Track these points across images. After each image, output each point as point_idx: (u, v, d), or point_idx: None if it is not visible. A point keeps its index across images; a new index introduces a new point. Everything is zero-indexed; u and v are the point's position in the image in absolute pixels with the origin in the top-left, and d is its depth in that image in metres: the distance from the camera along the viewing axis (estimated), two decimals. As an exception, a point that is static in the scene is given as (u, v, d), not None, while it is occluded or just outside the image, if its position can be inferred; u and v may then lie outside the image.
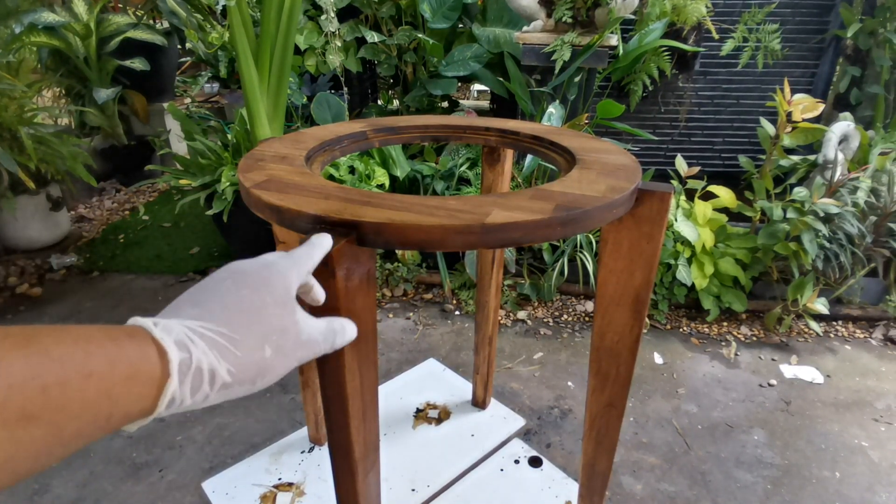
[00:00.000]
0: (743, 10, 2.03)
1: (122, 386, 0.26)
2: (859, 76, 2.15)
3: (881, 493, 1.16)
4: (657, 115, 2.28)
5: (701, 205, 1.74)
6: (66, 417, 0.24)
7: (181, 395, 0.29)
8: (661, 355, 1.61)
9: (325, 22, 1.82)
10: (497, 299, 1.20)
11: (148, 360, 0.28)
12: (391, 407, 1.36)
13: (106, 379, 0.26)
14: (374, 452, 0.64)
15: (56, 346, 0.24)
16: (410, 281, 1.93)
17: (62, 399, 0.24)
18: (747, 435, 1.31)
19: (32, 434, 0.23)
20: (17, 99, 1.95)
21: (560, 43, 1.65)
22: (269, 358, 0.34)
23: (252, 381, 0.33)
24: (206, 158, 1.87)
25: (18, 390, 0.22)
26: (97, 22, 2.52)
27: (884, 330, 1.73)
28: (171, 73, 3.03)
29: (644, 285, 0.68)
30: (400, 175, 1.94)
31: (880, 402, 1.44)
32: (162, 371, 0.28)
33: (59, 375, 0.24)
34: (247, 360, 0.32)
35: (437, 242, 0.49)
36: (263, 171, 0.62)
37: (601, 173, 0.63)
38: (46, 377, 0.23)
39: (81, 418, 0.25)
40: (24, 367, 0.23)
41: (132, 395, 0.27)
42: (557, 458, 1.22)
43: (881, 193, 1.69)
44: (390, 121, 0.92)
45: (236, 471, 1.17)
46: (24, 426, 0.22)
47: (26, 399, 0.22)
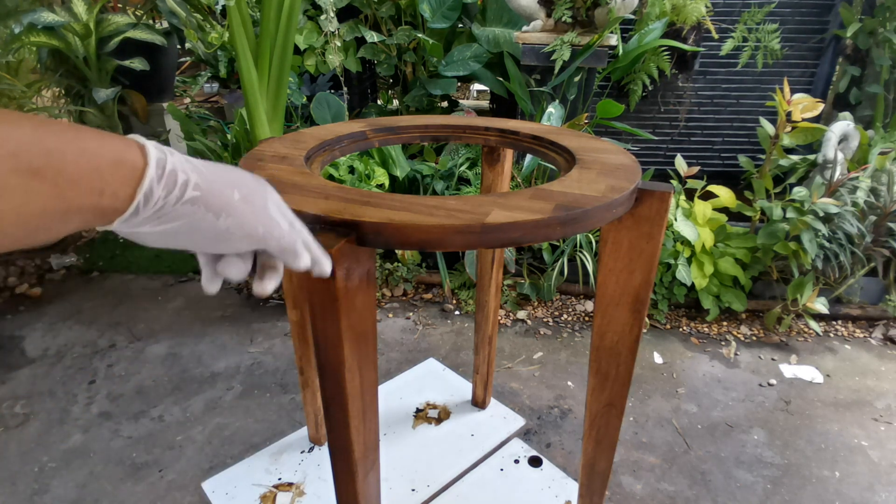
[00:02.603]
0: (742, 10, 2.03)
1: (110, 167, 0.31)
2: (859, 76, 2.15)
3: (881, 492, 1.16)
4: (657, 115, 2.28)
5: (701, 204, 1.74)
6: (65, 181, 0.29)
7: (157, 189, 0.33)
8: (660, 355, 1.61)
9: (325, 22, 1.82)
10: (497, 299, 1.20)
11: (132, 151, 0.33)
12: (391, 407, 1.36)
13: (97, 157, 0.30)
14: (374, 452, 0.64)
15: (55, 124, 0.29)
16: (410, 281, 1.93)
17: (62, 163, 0.28)
18: (747, 434, 1.31)
19: (40, 188, 0.27)
20: (16, 99, 1.95)
21: (560, 43, 1.65)
22: (237, 200, 0.37)
23: (217, 212, 0.36)
24: (206, 158, 1.87)
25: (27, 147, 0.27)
26: (97, 22, 2.52)
27: (883, 329, 1.73)
28: (170, 73, 3.03)
29: (644, 285, 0.68)
30: (399, 175, 1.94)
31: (880, 401, 1.44)
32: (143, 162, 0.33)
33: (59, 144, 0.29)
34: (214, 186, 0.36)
35: (437, 242, 0.49)
36: (263, 171, 0.62)
37: (601, 173, 0.63)
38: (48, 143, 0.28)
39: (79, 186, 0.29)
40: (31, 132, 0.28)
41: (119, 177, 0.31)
42: (557, 458, 1.22)
43: (881, 193, 1.69)
44: (390, 121, 0.92)
45: (236, 471, 1.17)
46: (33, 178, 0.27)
47: (33, 156, 0.27)
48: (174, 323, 1.76)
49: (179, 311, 1.83)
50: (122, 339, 1.67)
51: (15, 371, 1.52)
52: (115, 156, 0.31)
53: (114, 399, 1.40)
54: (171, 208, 0.34)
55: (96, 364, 1.55)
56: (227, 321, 1.76)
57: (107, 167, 0.31)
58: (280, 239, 0.40)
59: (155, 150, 0.34)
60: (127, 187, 0.32)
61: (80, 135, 0.30)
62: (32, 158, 0.27)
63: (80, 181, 0.29)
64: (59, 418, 1.33)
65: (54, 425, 1.31)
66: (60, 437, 1.27)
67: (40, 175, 0.27)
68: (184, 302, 1.89)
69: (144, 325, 1.75)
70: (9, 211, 0.27)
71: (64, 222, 0.30)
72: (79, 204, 0.30)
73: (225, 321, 1.76)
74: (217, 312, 1.81)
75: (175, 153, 0.35)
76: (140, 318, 1.78)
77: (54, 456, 1.22)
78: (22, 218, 0.27)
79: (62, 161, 0.28)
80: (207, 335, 1.69)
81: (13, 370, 1.52)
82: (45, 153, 0.28)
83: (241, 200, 0.38)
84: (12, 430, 1.30)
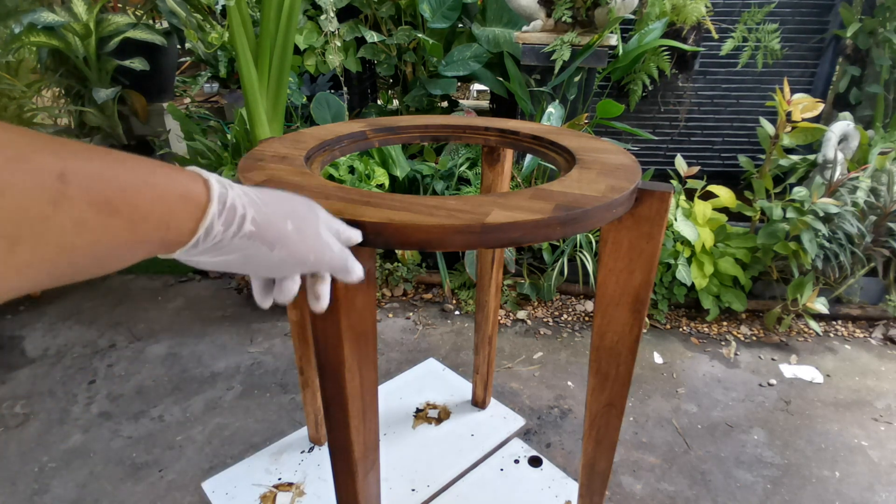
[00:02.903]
0: (742, 10, 2.03)
1: (177, 202, 0.32)
2: (859, 76, 2.15)
3: (881, 492, 1.16)
4: (657, 115, 2.28)
5: (701, 204, 1.74)
6: (138, 216, 0.29)
7: (217, 224, 0.34)
8: (660, 355, 1.61)
9: (325, 22, 1.82)
10: (497, 299, 1.20)
11: (197, 186, 0.34)
12: (391, 407, 1.36)
13: (166, 192, 0.31)
14: (374, 452, 0.64)
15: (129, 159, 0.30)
16: (410, 281, 1.93)
17: (136, 198, 0.29)
18: (747, 434, 1.31)
19: (115, 223, 0.28)
20: (16, 99, 1.95)
21: (560, 43, 1.65)
22: (290, 231, 0.39)
23: (271, 244, 0.38)
24: (206, 158, 1.87)
25: (105, 183, 0.28)
26: (97, 22, 2.51)
27: (883, 329, 1.73)
28: (170, 73, 3.02)
29: (644, 285, 0.68)
30: (399, 175, 1.94)
31: (880, 401, 1.44)
32: (206, 198, 0.34)
33: (133, 180, 0.29)
34: (270, 220, 0.37)
35: (437, 242, 0.49)
36: (263, 171, 0.62)
37: (601, 173, 0.63)
38: (123, 178, 0.29)
39: (149, 221, 0.30)
40: (108, 168, 0.28)
41: (185, 212, 0.32)
42: (557, 458, 1.22)
43: (881, 193, 1.69)
44: (390, 121, 0.92)
45: (236, 471, 1.17)
46: (109, 215, 0.28)
47: (111, 192, 0.28)
48: (174, 323, 1.76)
49: (179, 310, 1.83)
50: (122, 339, 1.67)
51: (15, 371, 1.52)
52: (183, 191, 0.32)
53: (114, 399, 1.40)
54: (228, 242, 0.35)
55: (96, 364, 1.55)
56: (227, 321, 1.76)
57: (175, 202, 0.32)
58: (331, 261, 0.43)
59: (217, 184, 0.35)
60: (191, 222, 0.33)
61: (151, 169, 0.31)
62: (109, 194, 0.28)
63: (151, 216, 0.30)
64: (59, 418, 1.33)
65: (54, 425, 1.31)
66: (60, 437, 1.27)
67: (116, 210, 0.28)
68: (184, 302, 1.89)
69: (144, 324, 1.75)
70: (83, 245, 0.27)
71: (132, 254, 0.31)
72: (148, 237, 0.31)
73: (225, 321, 1.76)
74: (217, 312, 1.82)
75: (234, 186, 0.36)
76: (140, 318, 1.78)
77: (54, 456, 1.22)
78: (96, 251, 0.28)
79: (136, 196, 0.29)
80: (207, 335, 1.69)
81: (13, 370, 1.52)
82: (120, 188, 0.28)
83: (295, 231, 0.39)
84: (12, 430, 1.30)
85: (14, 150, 0.24)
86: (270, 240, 0.37)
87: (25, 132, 0.25)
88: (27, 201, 0.24)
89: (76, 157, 0.27)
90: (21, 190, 0.24)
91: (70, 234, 0.26)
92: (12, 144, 0.24)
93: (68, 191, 0.25)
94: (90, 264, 0.28)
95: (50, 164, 0.25)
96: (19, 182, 0.24)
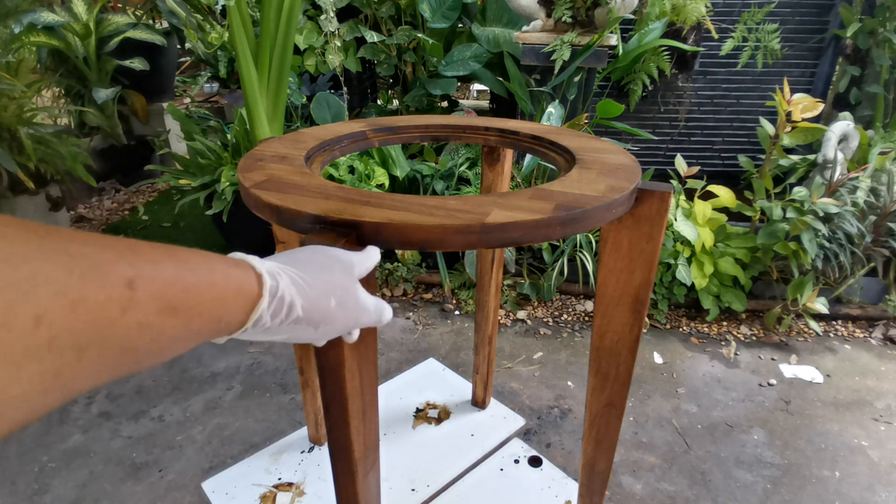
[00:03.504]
0: (742, 10, 2.03)
1: (232, 297, 0.33)
2: (859, 76, 2.15)
3: (881, 492, 1.16)
4: (657, 115, 2.28)
5: (700, 204, 1.74)
6: (195, 315, 0.30)
7: (266, 315, 0.35)
8: (660, 355, 1.61)
9: (325, 22, 1.82)
10: (497, 299, 1.20)
11: (250, 281, 0.35)
12: (391, 407, 1.36)
13: (223, 289, 0.32)
14: (374, 452, 0.64)
15: (192, 259, 0.31)
16: (410, 281, 1.93)
17: (195, 299, 0.30)
18: (747, 434, 1.31)
19: (174, 323, 0.29)
20: (16, 99, 1.95)
21: (559, 43, 1.65)
22: (333, 308, 0.40)
23: (316, 324, 0.40)
24: (206, 158, 1.87)
25: (169, 287, 0.28)
26: (96, 22, 2.51)
27: (883, 329, 1.73)
28: (170, 72, 3.03)
29: (644, 285, 0.68)
30: (399, 175, 1.94)
31: (880, 401, 1.44)
32: (258, 291, 0.35)
33: (194, 281, 0.30)
34: (315, 303, 0.39)
35: (437, 242, 0.49)
36: (263, 171, 0.62)
37: (601, 173, 0.63)
38: (186, 281, 0.30)
39: (203, 317, 0.31)
40: (172, 271, 0.29)
41: (237, 306, 0.34)
42: (557, 458, 1.22)
43: (880, 193, 1.69)
44: (390, 120, 0.92)
45: (236, 471, 1.17)
46: (170, 316, 0.28)
47: (174, 295, 0.29)
48: (174, 323, 1.75)
49: (179, 311, 1.83)
50: (122, 339, 1.67)
51: (15, 371, 1.51)
52: (237, 286, 0.33)
53: (114, 399, 1.40)
54: (276, 328, 0.37)
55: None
56: (227, 321, 1.76)
57: (230, 298, 0.33)
58: (369, 321, 0.45)
59: (269, 277, 0.36)
60: (242, 314, 0.34)
61: (210, 267, 0.32)
62: (172, 297, 0.28)
63: (206, 313, 0.31)
64: (59, 418, 1.33)
65: (54, 425, 1.31)
66: (60, 437, 1.27)
67: (177, 313, 0.29)
68: (184, 302, 1.88)
69: (144, 325, 1.74)
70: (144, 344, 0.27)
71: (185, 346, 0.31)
72: (199, 331, 0.31)
73: (225, 321, 1.76)
74: (217, 312, 1.81)
75: (283, 274, 0.37)
76: (140, 318, 1.78)
77: (54, 456, 1.22)
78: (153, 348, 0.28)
79: (196, 298, 0.30)
80: (207, 335, 1.68)
81: (13, 370, 1.52)
82: (183, 290, 0.29)
83: (338, 307, 0.41)
84: (12, 430, 1.29)
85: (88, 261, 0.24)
86: (316, 321, 0.39)
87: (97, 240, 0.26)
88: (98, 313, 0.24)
89: (145, 262, 0.28)
90: (95, 302, 0.24)
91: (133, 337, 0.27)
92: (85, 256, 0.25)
93: (136, 296, 0.26)
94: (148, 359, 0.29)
95: (121, 272, 0.26)
96: (92, 294, 0.24)
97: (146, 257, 0.28)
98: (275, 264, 0.38)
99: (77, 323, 0.23)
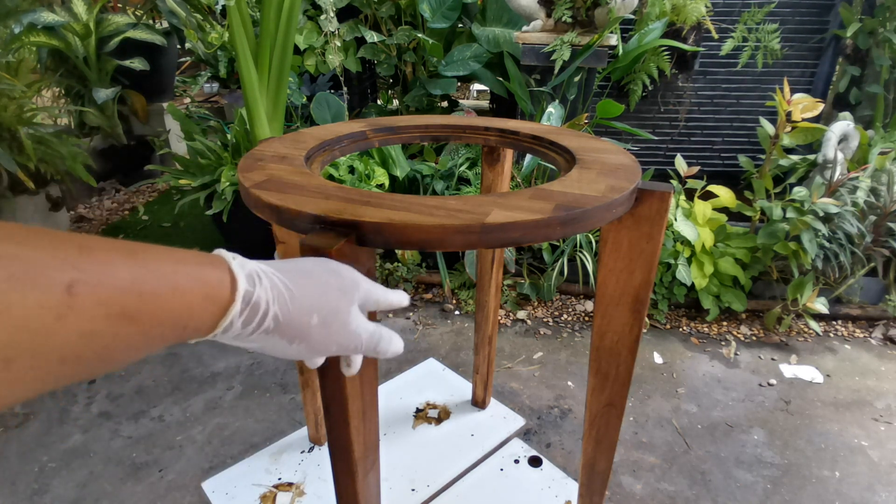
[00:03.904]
0: (742, 10, 2.03)
1: (200, 303, 0.31)
2: (859, 76, 2.15)
3: (881, 492, 1.16)
4: (657, 115, 2.28)
5: (700, 204, 1.74)
6: (155, 322, 0.28)
7: (237, 322, 0.33)
8: (660, 355, 1.61)
9: (325, 22, 1.82)
10: (497, 299, 1.20)
11: (223, 285, 0.32)
12: (391, 407, 1.36)
13: (189, 294, 0.30)
14: (374, 452, 0.64)
15: (154, 261, 0.29)
16: (410, 281, 1.93)
17: (154, 306, 0.28)
18: (747, 434, 1.31)
19: (128, 331, 0.27)
20: (16, 99, 1.95)
21: (560, 43, 1.65)
22: (314, 325, 0.37)
23: (290, 338, 0.37)
24: (206, 158, 1.87)
25: (123, 293, 0.26)
26: (96, 22, 2.51)
27: (883, 329, 1.73)
28: (170, 72, 3.03)
29: (644, 285, 0.68)
30: (399, 175, 1.94)
31: (880, 401, 1.44)
32: (230, 297, 0.33)
33: (155, 286, 0.28)
34: (293, 316, 0.36)
35: (437, 242, 0.49)
36: (263, 171, 0.62)
37: (601, 173, 0.63)
38: (144, 286, 0.27)
39: (166, 325, 0.29)
40: (128, 275, 0.27)
41: (205, 313, 0.31)
42: (557, 458, 1.22)
43: (880, 193, 1.69)
44: (390, 120, 0.92)
45: (236, 470, 1.17)
46: (124, 324, 0.26)
47: (128, 302, 0.26)
48: (174, 323, 1.75)
49: (179, 311, 1.83)
50: (122, 339, 1.67)
51: (15, 371, 1.51)
52: (206, 291, 0.31)
53: (114, 399, 1.40)
54: (246, 337, 0.35)
55: (96, 364, 1.55)
56: (227, 321, 1.76)
57: (197, 304, 0.30)
58: (357, 349, 0.41)
59: (245, 281, 0.33)
60: (210, 321, 0.32)
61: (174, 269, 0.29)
62: (127, 304, 0.26)
63: (169, 320, 0.29)
64: (59, 418, 1.33)
65: (54, 425, 1.31)
66: (60, 437, 1.27)
67: (132, 320, 0.27)
68: (184, 302, 1.88)
69: (144, 325, 1.74)
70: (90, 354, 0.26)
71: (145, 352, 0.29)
72: (162, 337, 0.29)
73: (225, 321, 1.76)
74: (217, 312, 1.81)
75: (265, 279, 0.35)
76: (140, 318, 1.78)
77: (54, 456, 1.22)
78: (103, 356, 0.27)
79: (155, 304, 0.28)
80: (207, 335, 1.68)
81: (13, 370, 1.52)
82: (139, 296, 0.27)
83: (319, 325, 0.37)
84: (12, 430, 1.30)
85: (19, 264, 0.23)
86: (291, 335, 0.37)
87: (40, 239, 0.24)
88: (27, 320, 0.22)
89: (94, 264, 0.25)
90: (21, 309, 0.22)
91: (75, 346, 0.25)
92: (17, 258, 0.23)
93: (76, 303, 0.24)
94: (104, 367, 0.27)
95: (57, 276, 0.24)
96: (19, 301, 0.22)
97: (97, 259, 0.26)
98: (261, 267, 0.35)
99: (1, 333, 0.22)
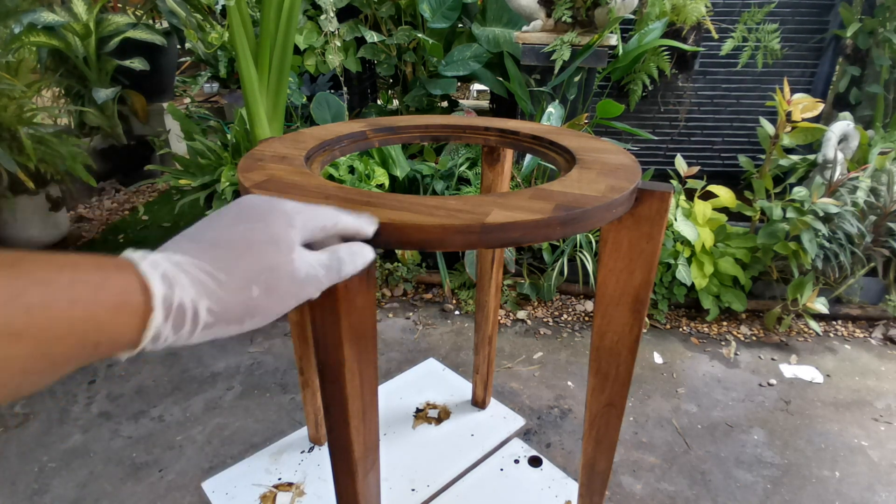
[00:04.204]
0: (742, 10, 2.03)
1: (108, 315, 0.27)
2: (859, 76, 2.15)
3: (881, 492, 1.16)
4: (657, 115, 2.28)
5: (700, 204, 1.74)
6: (51, 338, 0.25)
7: (166, 329, 0.30)
8: (660, 355, 1.61)
9: (325, 22, 1.82)
10: (497, 299, 1.20)
11: (133, 292, 0.28)
12: (391, 407, 1.36)
13: (91, 305, 0.26)
14: (374, 452, 0.64)
15: (41, 270, 0.25)
16: (410, 281, 1.93)
17: (46, 320, 0.24)
18: (747, 434, 1.31)
19: (18, 351, 0.24)
20: (16, 99, 1.95)
21: (560, 43, 1.65)
22: (257, 297, 0.34)
23: (239, 320, 0.33)
24: (206, 158, 1.87)
25: (2, 308, 0.23)
26: (96, 22, 2.51)
27: (883, 329, 1.73)
28: (170, 72, 3.03)
29: (644, 285, 0.68)
30: (399, 175, 1.94)
31: (880, 401, 1.44)
32: (146, 305, 0.29)
33: (43, 298, 0.25)
34: (230, 300, 0.32)
35: (437, 242, 0.49)
36: (263, 171, 0.62)
37: (601, 173, 0.63)
38: (30, 298, 0.24)
39: (67, 341, 0.25)
40: (7, 287, 0.24)
41: (118, 325, 0.28)
42: (557, 458, 1.22)
43: (881, 193, 1.69)
44: (390, 120, 0.92)
45: (236, 470, 1.17)
46: (10, 343, 0.23)
47: (10, 317, 0.23)
48: (174, 323, 1.75)
49: (179, 311, 1.83)
50: (122, 339, 1.67)
51: (15, 371, 1.51)
52: (114, 300, 0.27)
53: (114, 399, 1.40)
54: (186, 339, 0.31)
55: (96, 364, 1.55)
56: (227, 321, 1.76)
57: (104, 316, 0.27)
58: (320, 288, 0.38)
59: (160, 284, 0.29)
60: (129, 332, 0.28)
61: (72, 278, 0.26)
62: (10, 321, 0.23)
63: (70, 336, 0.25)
64: (59, 418, 1.33)
65: (54, 425, 1.31)
66: (60, 437, 1.27)
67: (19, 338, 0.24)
68: (184, 302, 1.88)
69: (144, 325, 1.74)
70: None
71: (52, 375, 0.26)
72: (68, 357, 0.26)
73: (225, 321, 1.76)
74: (217, 312, 1.81)
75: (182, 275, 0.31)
76: (140, 318, 1.78)
77: (54, 456, 1.22)
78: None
79: (47, 317, 0.24)
80: (207, 335, 1.68)
81: (13, 370, 1.52)
82: (24, 310, 0.24)
83: (264, 294, 0.34)
84: (12, 430, 1.30)
85: None
86: (237, 318, 0.33)
87: None
88: None
89: None
90: None
91: None
92: None
93: None
94: None
95: None
96: None
97: None
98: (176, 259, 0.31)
99: None
